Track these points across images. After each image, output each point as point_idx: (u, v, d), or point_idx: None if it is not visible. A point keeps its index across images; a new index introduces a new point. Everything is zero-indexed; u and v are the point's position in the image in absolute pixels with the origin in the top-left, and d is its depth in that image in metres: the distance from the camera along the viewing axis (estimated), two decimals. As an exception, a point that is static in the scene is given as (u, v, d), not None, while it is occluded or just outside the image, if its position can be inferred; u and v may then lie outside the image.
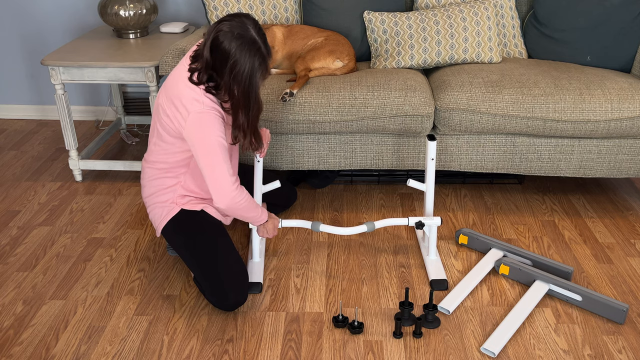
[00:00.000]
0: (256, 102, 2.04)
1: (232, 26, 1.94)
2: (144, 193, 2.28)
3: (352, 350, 2.00)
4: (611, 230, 2.66)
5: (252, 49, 1.95)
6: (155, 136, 2.17)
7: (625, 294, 2.26)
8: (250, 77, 1.97)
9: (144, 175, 2.26)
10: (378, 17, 2.88)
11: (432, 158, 2.35)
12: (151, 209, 2.25)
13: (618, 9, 2.79)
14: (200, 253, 2.14)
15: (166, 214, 2.21)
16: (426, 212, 2.44)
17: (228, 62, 1.94)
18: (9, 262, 2.45)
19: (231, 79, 1.96)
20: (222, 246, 2.16)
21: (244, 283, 2.13)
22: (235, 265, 2.13)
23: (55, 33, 3.60)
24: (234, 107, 2.01)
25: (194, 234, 2.17)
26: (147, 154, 2.25)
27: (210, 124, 1.99)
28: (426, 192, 2.41)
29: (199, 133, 1.99)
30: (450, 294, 2.21)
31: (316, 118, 2.56)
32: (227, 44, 1.92)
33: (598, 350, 1.99)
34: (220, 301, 2.10)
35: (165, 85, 2.11)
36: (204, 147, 2.00)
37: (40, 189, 3.01)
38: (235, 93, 1.98)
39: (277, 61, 2.83)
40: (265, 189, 2.41)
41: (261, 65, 1.98)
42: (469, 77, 2.64)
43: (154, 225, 2.27)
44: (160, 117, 2.11)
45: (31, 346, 2.02)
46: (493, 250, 2.44)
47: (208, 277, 2.11)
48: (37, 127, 3.73)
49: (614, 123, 2.53)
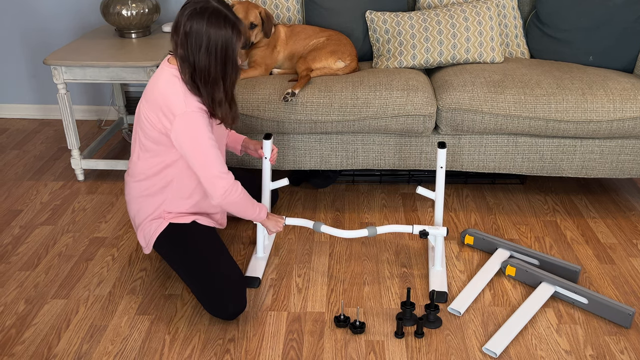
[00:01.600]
0: (234, 69, 2.00)
1: (192, 8, 1.91)
2: (130, 210, 2.23)
3: (354, 350, 1.99)
4: (613, 230, 2.65)
5: (220, 19, 1.91)
6: (137, 148, 2.13)
7: (628, 294, 2.25)
8: (227, 48, 1.94)
9: (129, 192, 2.20)
10: (380, 17, 2.88)
11: (441, 166, 2.28)
12: (140, 227, 2.20)
13: (621, 9, 2.79)
14: (194, 267, 2.09)
15: (155, 230, 2.16)
16: (436, 221, 2.38)
17: (202, 43, 1.91)
18: (11, 261, 2.45)
19: (208, 57, 1.92)
20: (216, 257, 2.11)
21: (242, 292, 2.08)
22: (232, 275, 2.08)
23: (57, 33, 3.61)
24: (212, 82, 1.97)
25: (186, 249, 2.13)
26: (130, 169, 2.19)
27: (197, 123, 1.98)
28: (436, 201, 2.34)
29: (187, 133, 1.98)
30: (460, 295, 2.21)
31: (318, 118, 2.56)
32: (195, 26, 1.90)
33: (600, 350, 1.99)
34: (218, 312, 2.07)
35: (145, 92, 2.07)
36: (194, 146, 1.98)
37: (43, 188, 3.01)
38: (211, 70, 1.95)
39: (279, 61, 2.83)
40: (274, 186, 2.42)
41: (234, 30, 1.94)
42: (471, 77, 2.64)
43: (142, 243, 2.22)
44: (142, 125, 2.06)
45: (33, 345, 2.02)
46: (500, 250, 2.44)
47: (204, 289, 2.06)
48: (40, 127, 3.74)
49: (616, 123, 2.52)
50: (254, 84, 2.62)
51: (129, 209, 2.24)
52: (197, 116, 1.98)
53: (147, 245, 2.21)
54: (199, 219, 2.19)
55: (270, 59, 2.78)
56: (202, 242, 2.15)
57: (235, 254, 2.49)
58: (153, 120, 2.02)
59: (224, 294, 2.04)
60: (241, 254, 2.49)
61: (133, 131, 2.17)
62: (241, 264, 2.43)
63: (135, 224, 2.25)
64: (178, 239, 2.15)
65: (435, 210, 2.36)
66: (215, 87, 1.99)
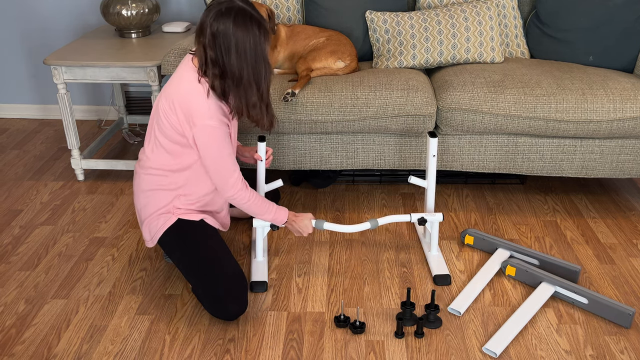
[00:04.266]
0: (267, 69, 2.00)
1: (217, 9, 1.90)
2: (137, 202, 2.21)
3: (354, 350, 1.99)
4: (613, 230, 2.65)
5: (246, 20, 1.90)
6: (152, 142, 2.12)
7: (628, 294, 2.25)
8: (256, 48, 1.93)
9: (139, 184, 2.18)
10: (380, 17, 2.88)
11: (433, 155, 2.36)
12: (147, 221, 2.18)
13: (621, 8, 2.79)
14: (198, 265, 2.09)
15: (163, 224, 2.15)
16: (427, 208, 2.45)
17: (231, 46, 1.90)
18: (11, 261, 2.45)
19: (238, 59, 1.92)
20: (220, 257, 2.11)
21: (244, 293, 2.08)
22: (234, 276, 2.07)
23: (57, 33, 3.61)
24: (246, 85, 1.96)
25: (191, 246, 2.12)
26: (142, 161, 2.17)
27: (217, 137, 2.00)
28: (427, 189, 2.41)
29: (206, 144, 2.00)
30: (460, 295, 2.21)
31: (318, 118, 2.56)
32: (222, 27, 1.88)
33: (600, 350, 1.99)
34: (220, 312, 2.07)
35: (166, 88, 2.06)
36: (212, 156, 2.02)
37: (43, 188, 3.01)
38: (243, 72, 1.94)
39: (279, 61, 2.83)
40: (268, 188, 2.41)
41: (260, 29, 1.93)
42: (471, 77, 2.64)
43: (146, 236, 2.20)
44: (160, 123, 2.05)
45: (33, 345, 2.02)
46: (500, 250, 2.44)
47: (206, 289, 2.06)
48: (40, 127, 3.74)
49: (616, 123, 2.52)
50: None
51: (136, 201, 2.21)
52: (218, 132, 1.99)
53: (151, 239, 2.19)
54: (206, 218, 2.20)
55: (270, 59, 2.77)
56: (209, 241, 2.14)
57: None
58: (173, 121, 2.02)
59: (227, 295, 2.04)
60: (241, 255, 2.49)
61: (149, 124, 2.16)
62: (241, 266, 2.43)
63: (140, 217, 2.22)
64: (185, 235, 2.14)
65: (428, 197, 2.42)
66: (249, 90, 1.98)
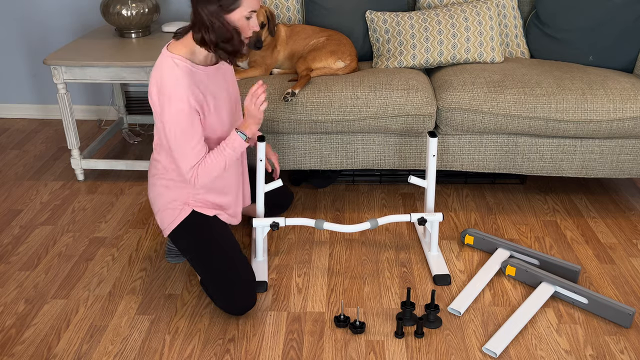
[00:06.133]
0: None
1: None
2: (151, 192, 2.23)
3: (354, 350, 1.99)
4: (613, 230, 2.65)
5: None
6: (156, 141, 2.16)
7: (628, 294, 2.25)
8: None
9: (155, 173, 2.19)
10: (380, 17, 2.88)
11: (433, 155, 2.36)
12: (160, 213, 2.19)
13: (621, 9, 2.79)
14: (210, 259, 2.11)
15: (176, 217, 2.16)
16: (427, 208, 2.45)
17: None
18: (11, 261, 2.45)
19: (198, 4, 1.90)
20: (231, 252, 2.13)
21: (253, 288, 2.12)
22: (244, 272, 2.11)
23: (57, 32, 3.61)
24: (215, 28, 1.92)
25: (204, 239, 2.14)
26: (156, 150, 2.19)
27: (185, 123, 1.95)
28: (427, 189, 2.41)
29: (172, 123, 1.96)
30: (460, 295, 2.21)
31: (318, 118, 2.56)
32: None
33: (600, 350, 1.99)
34: (230, 306, 2.09)
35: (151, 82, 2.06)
36: (173, 138, 1.98)
37: (42, 188, 3.01)
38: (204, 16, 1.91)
39: (279, 61, 2.83)
40: (267, 188, 2.41)
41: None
42: (471, 77, 2.64)
43: (161, 226, 2.22)
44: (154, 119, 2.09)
45: (33, 345, 2.02)
46: (500, 250, 2.44)
47: (217, 283, 2.09)
48: (39, 127, 3.74)
49: (616, 123, 2.52)
50: (254, 84, 2.62)
51: (150, 190, 2.23)
52: (183, 116, 1.95)
53: (164, 230, 2.21)
54: (220, 214, 2.21)
55: (270, 59, 2.77)
56: (222, 236, 2.17)
57: (235, 254, 2.49)
58: (156, 111, 2.02)
59: (238, 289, 2.07)
60: (241, 254, 2.49)
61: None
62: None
63: (155, 207, 2.22)
64: (199, 229, 2.16)
65: (428, 197, 2.41)
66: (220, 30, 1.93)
